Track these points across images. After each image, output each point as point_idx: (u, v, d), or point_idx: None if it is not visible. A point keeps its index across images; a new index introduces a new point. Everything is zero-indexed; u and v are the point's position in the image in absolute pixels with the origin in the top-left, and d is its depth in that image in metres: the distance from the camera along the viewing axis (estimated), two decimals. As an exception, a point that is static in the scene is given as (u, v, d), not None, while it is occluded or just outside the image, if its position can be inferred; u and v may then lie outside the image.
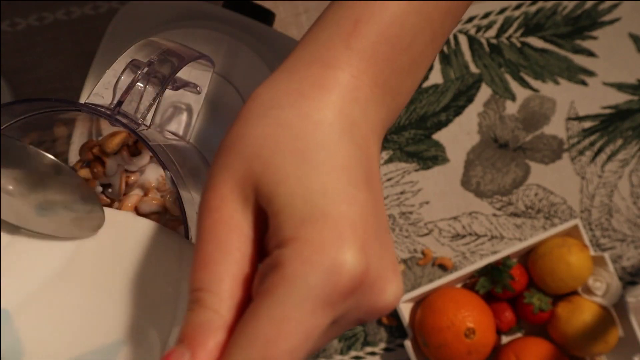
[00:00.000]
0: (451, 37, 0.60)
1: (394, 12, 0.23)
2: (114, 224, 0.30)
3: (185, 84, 0.36)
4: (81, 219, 0.31)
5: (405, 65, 0.24)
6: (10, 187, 0.29)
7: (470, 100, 0.59)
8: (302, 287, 0.19)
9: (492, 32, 0.60)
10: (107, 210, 0.31)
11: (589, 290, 0.56)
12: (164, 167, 0.30)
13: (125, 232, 0.30)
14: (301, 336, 0.19)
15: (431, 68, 0.60)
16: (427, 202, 0.59)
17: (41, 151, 0.31)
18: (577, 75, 0.60)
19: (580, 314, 0.54)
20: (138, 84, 0.30)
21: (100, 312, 0.28)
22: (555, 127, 0.60)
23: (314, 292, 0.19)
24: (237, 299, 0.20)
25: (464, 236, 0.59)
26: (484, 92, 0.59)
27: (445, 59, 0.60)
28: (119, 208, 0.42)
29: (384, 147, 0.59)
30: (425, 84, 0.59)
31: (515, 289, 0.55)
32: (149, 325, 0.27)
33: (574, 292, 0.57)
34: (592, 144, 0.60)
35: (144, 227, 0.30)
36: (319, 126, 0.21)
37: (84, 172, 0.40)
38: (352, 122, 0.22)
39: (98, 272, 0.28)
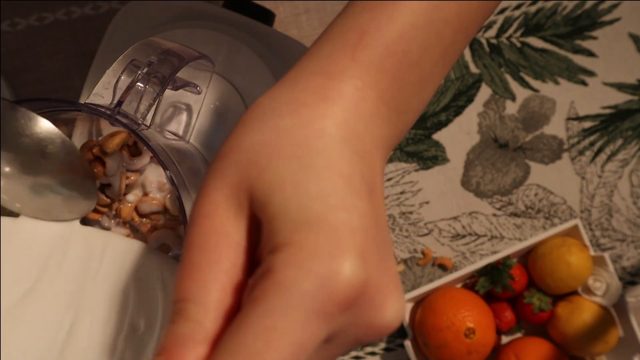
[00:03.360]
0: (451, 37, 0.60)
1: (402, 26, 0.22)
2: (87, 241, 0.29)
3: (185, 84, 0.36)
4: (72, 201, 0.30)
5: (413, 82, 0.23)
6: (7, 169, 0.29)
7: (470, 100, 0.59)
8: (294, 295, 0.17)
9: (492, 32, 0.60)
10: (83, 228, 0.30)
11: (589, 290, 0.56)
12: (164, 167, 0.30)
13: (103, 251, 0.29)
14: (292, 349, 0.17)
15: (431, 68, 0.60)
16: (427, 202, 0.59)
17: (39, 116, 0.30)
18: (577, 75, 0.60)
19: (580, 314, 0.54)
20: (138, 84, 0.30)
21: (75, 332, 0.27)
22: (555, 127, 0.60)
23: (307, 300, 0.18)
24: (225, 311, 0.19)
25: (464, 236, 0.59)
26: (484, 92, 0.59)
27: (445, 59, 0.59)
28: (119, 208, 0.42)
29: (384, 147, 0.59)
30: (425, 84, 0.59)
31: (515, 289, 0.55)
32: (126, 347, 0.27)
33: (574, 292, 0.57)
34: (592, 144, 0.60)
35: (121, 245, 0.29)
36: (320, 134, 0.21)
37: (84, 172, 0.40)
38: (355, 134, 0.21)
39: (72, 291, 0.28)
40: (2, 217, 0.28)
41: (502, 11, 0.60)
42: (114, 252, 0.29)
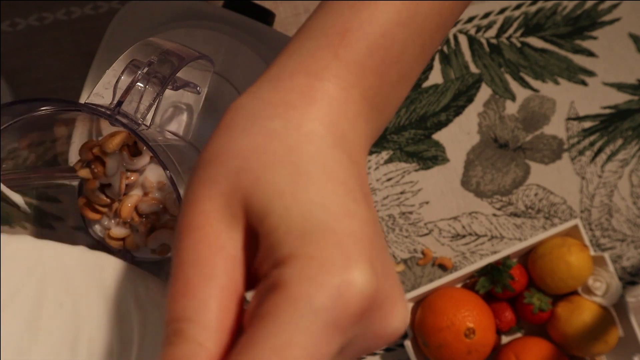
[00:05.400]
0: (451, 37, 0.60)
1: (384, 23, 0.22)
2: (60, 258, 0.27)
3: (185, 84, 0.36)
4: None
5: (393, 79, 0.23)
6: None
7: (470, 100, 0.59)
8: (309, 309, 0.17)
9: (492, 32, 0.60)
10: (51, 244, 0.27)
11: (589, 290, 0.56)
12: (164, 167, 0.30)
13: (73, 268, 0.26)
14: None
15: (431, 68, 0.60)
16: (427, 202, 0.59)
17: None
18: (577, 75, 0.60)
19: (580, 314, 0.54)
20: (138, 84, 0.30)
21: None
22: (555, 127, 0.60)
23: (322, 314, 0.17)
24: (225, 329, 0.18)
25: (464, 236, 0.59)
26: (484, 92, 0.59)
27: (445, 59, 0.60)
28: (119, 208, 0.42)
29: (383, 147, 0.59)
30: (425, 84, 0.59)
31: (515, 289, 0.55)
32: None
33: (574, 292, 0.57)
34: (592, 144, 0.60)
35: (86, 259, 0.27)
36: (311, 138, 0.20)
37: (84, 172, 0.40)
38: (343, 136, 0.21)
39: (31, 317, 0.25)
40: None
41: (502, 11, 0.60)
42: (74, 266, 0.26)
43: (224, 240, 0.19)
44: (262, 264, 0.19)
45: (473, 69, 0.59)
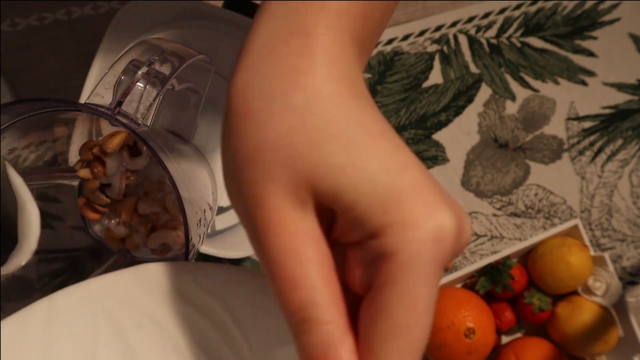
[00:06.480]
0: (451, 37, 0.60)
1: None
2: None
3: (185, 84, 0.36)
4: None
5: (377, 18, 0.23)
6: None
7: (470, 100, 0.59)
8: (422, 266, 0.19)
9: (492, 32, 0.60)
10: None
11: (589, 290, 0.56)
12: (164, 167, 0.30)
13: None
14: (432, 306, 0.19)
15: (431, 68, 0.60)
16: (427, 202, 0.59)
17: None
18: (577, 75, 0.60)
19: (580, 313, 0.54)
20: (138, 84, 0.30)
21: None
22: (555, 127, 0.60)
23: (433, 265, 0.19)
24: (338, 300, 0.20)
25: (464, 236, 0.59)
26: (484, 92, 0.59)
27: (445, 59, 0.60)
28: (119, 208, 0.42)
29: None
30: (425, 84, 0.59)
31: (515, 289, 0.55)
32: None
33: (574, 292, 0.57)
34: (592, 144, 0.60)
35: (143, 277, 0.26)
36: (334, 101, 0.20)
37: (84, 172, 0.40)
38: (353, 84, 0.21)
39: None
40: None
41: (502, 11, 0.60)
42: (124, 287, 0.26)
43: (304, 226, 0.20)
44: (346, 235, 0.20)
45: (473, 69, 0.59)
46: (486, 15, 0.60)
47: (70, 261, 0.45)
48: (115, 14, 0.45)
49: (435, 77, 0.59)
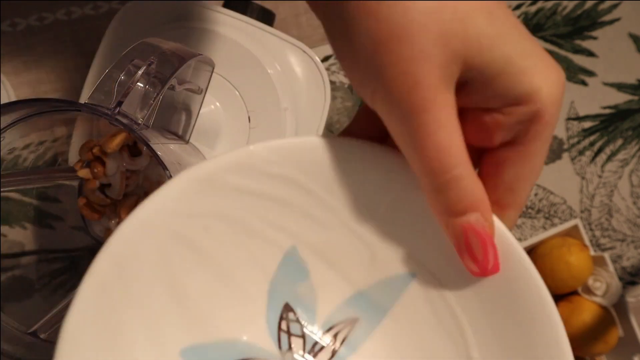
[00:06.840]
0: (451, 37, 0.60)
1: None
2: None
3: (185, 84, 0.36)
4: None
5: None
6: None
7: (470, 100, 0.60)
8: (555, 122, 0.24)
9: (492, 32, 0.60)
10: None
11: (589, 290, 0.56)
12: (164, 167, 0.30)
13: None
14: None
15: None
16: (427, 202, 0.59)
17: None
18: (577, 75, 0.60)
19: (580, 313, 0.54)
20: (138, 84, 0.30)
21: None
22: (556, 127, 0.60)
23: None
24: (470, 161, 0.23)
25: (464, 236, 0.59)
26: (484, 92, 0.60)
27: (445, 59, 0.60)
28: (119, 208, 0.42)
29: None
30: (425, 84, 0.59)
31: (515, 289, 0.55)
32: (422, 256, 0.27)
33: (574, 292, 0.57)
34: (592, 144, 0.60)
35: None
36: None
37: (84, 172, 0.40)
38: None
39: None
40: None
41: (502, 11, 0.60)
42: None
43: (452, 100, 0.22)
44: (482, 102, 0.23)
45: (473, 69, 0.59)
46: (486, 15, 0.60)
47: (70, 261, 0.45)
48: (115, 14, 0.45)
49: (435, 77, 0.59)
